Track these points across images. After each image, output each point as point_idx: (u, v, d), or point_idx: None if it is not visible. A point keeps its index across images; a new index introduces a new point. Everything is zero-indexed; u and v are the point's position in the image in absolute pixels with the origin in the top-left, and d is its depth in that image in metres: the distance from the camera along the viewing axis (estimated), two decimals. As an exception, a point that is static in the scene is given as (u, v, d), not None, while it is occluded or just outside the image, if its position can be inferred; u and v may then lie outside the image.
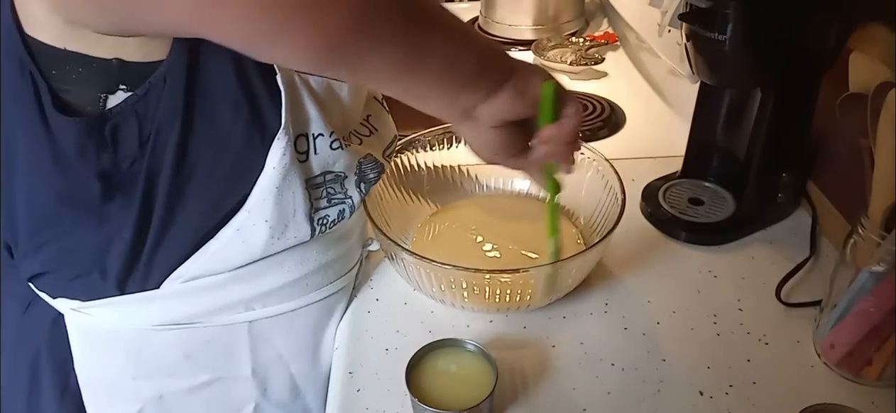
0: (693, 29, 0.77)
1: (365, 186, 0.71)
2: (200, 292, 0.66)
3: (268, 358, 0.72)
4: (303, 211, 0.65)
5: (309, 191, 0.66)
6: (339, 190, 0.69)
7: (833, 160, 0.86)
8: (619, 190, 0.77)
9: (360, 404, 0.66)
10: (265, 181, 0.62)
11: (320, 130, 0.65)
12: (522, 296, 0.72)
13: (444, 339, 0.65)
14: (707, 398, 0.66)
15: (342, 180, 0.69)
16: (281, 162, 0.62)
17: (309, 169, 0.65)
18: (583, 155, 0.83)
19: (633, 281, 0.80)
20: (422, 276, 0.71)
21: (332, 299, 0.75)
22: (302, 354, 0.74)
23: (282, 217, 0.64)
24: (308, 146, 0.65)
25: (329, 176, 0.68)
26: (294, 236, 0.66)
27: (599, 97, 1.23)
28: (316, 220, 0.67)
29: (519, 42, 1.48)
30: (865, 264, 0.64)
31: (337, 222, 0.69)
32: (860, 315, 0.65)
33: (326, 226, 0.68)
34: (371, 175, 0.72)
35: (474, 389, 0.61)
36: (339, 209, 0.69)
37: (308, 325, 0.74)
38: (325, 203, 0.68)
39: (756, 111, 0.83)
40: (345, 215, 0.70)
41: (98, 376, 0.70)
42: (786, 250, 0.83)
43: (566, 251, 0.71)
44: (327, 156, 0.66)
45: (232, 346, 0.70)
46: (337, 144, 0.66)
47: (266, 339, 0.71)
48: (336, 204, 0.69)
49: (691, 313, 0.75)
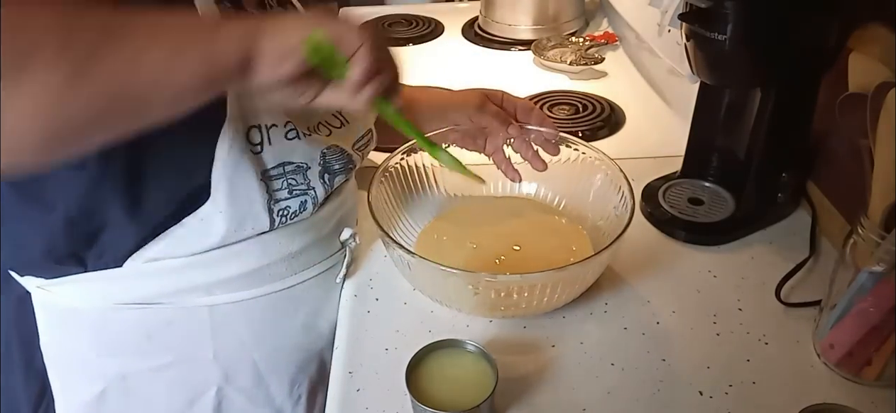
0: (693, 29, 0.78)
1: (330, 178, 0.71)
2: (162, 273, 0.68)
3: (230, 344, 0.73)
4: (260, 202, 0.66)
5: (266, 182, 0.66)
6: (300, 181, 0.69)
7: (833, 160, 0.86)
8: (628, 192, 0.77)
9: (360, 404, 0.66)
10: (217, 174, 0.63)
11: (274, 121, 0.65)
12: (528, 300, 0.72)
13: (444, 340, 0.65)
14: (707, 398, 0.66)
15: (304, 171, 0.69)
16: (229, 155, 0.63)
17: (264, 161, 0.66)
18: (586, 154, 0.84)
19: (633, 281, 0.80)
20: (426, 278, 0.71)
21: (299, 289, 0.75)
22: (264, 342, 0.75)
23: (237, 209, 0.65)
24: (262, 138, 0.65)
25: (289, 167, 0.68)
26: (252, 227, 0.67)
27: (599, 97, 1.23)
28: (275, 211, 0.68)
29: (519, 42, 1.48)
30: (865, 264, 0.64)
31: (299, 213, 0.70)
32: (860, 315, 0.65)
33: (288, 217, 0.69)
34: (336, 166, 0.72)
35: (474, 390, 0.61)
36: (300, 201, 0.69)
37: (271, 313, 0.74)
38: (285, 194, 0.68)
39: (756, 111, 0.83)
40: (307, 207, 0.70)
41: (63, 354, 0.72)
42: (786, 250, 0.83)
43: (577, 255, 0.71)
44: (283, 147, 0.66)
45: (193, 329, 0.71)
46: (293, 134, 0.66)
47: (227, 325, 0.72)
48: (297, 195, 0.69)
49: (691, 313, 0.75)
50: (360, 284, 0.80)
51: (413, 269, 0.72)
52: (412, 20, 1.63)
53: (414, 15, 1.66)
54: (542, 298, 0.71)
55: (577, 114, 1.18)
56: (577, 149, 0.85)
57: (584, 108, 1.19)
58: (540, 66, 1.38)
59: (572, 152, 0.86)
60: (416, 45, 1.52)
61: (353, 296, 0.79)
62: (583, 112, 1.19)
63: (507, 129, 0.85)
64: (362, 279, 0.81)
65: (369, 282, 0.81)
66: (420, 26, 1.60)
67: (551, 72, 1.35)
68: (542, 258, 0.77)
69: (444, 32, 1.58)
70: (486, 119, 0.85)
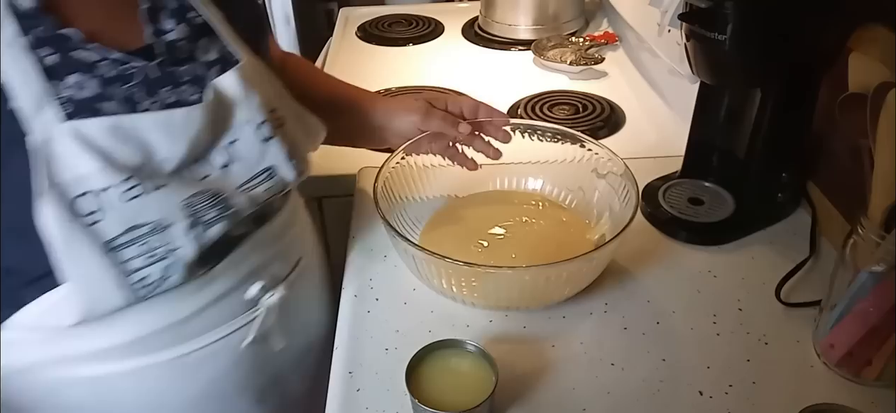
0: (693, 29, 0.78)
1: (205, 230, 0.61)
2: (31, 343, 0.63)
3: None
4: (110, 279, 0.58)
5: (112, 255, 0.57)
6: (158, 243, 0.59)
7: (833, 160, 0.86)
8: (632, 188, 0.77)
9: (359, 404, 0.66)
10: (53, 254, 0.56)
11: (107, 182, 0.56)
12: (532, 292, 0.72)
13: (444, 340, 0.65)
14: (707, 398, 0.66)
15: (163, 230, 0.59)
16: (58, 234, 0.55)
17: (104, 231, 0.57)
18: (599, 155, 0.84)
19: (633, 281, 0.80)
20: (431, 270, 0.72)
21: (195, 357, 0.68)
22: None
23: (85, 291, 0.58)
24: (96, 206, 0.56)
25: (141, 229, 0.58)
26: (108, 306, 0.60)
27: (599, 97, 1.23)
28: (132, 284, 0.59)
29: (519, 42, 1.48)
30: (865, 264, 0.64)
31: (165, 280, 0.61)
32: (860, 315, 0.65)
33: (152, 287, 0.60)
34: (210, 216, 0.62)
35: (474, 390, 0.61)
36: (162, 266, 0.60)
37: (163, 383, 0.68)
38: (140, 263, 0.59)
39: (756, 111, 0.83)
40: (173, 271, 0.61)
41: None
42: (786, 250, 0.83)
43: (581, 249, 0.71)
44: (126, 209, 0.57)
45: (74, 401, 0.67)
46: (138, 191, 0.57)
47: (113, 396, 0.67)
48: (158, 260, 0.59)
49: (691, 313, 0.75)
50: (360, 284, 0.80)
51: (419, 262, 0.72)
52: (412, 20, 1.63)
53: (414, 15, 1.66)
54: (546, 291, 0.72)
55: (577, 114, 1.18)
56: (585, 145, 0.86)
57: (584, 108, 1.20)
58: (540, 66, 1.38)
59: (578, 150, 0.86)
60: (416, 45, 1.52)
61: (353, 296, 0.79)
62: (583, 112, 1.19)
63: (458, 128, 0.84)
64: (362, 279, 0.81)
65: (369, 282, 0.81)
66: (420, 26, 1.60)
67: (551, 72, 1.35)
68: (546, 252, 0.77)
69: (444, 32, 1.58)
70: (434, 125, 0.84)
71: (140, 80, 0.60)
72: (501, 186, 0.92)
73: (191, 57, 0.64)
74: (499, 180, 0.92)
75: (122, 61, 0.59)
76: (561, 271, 0.70)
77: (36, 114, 0.55)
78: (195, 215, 0.61)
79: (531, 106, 1.21)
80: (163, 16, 0.63)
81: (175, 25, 0.63)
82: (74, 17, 0.58)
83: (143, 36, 0.62)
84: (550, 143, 0.88)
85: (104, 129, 0.56)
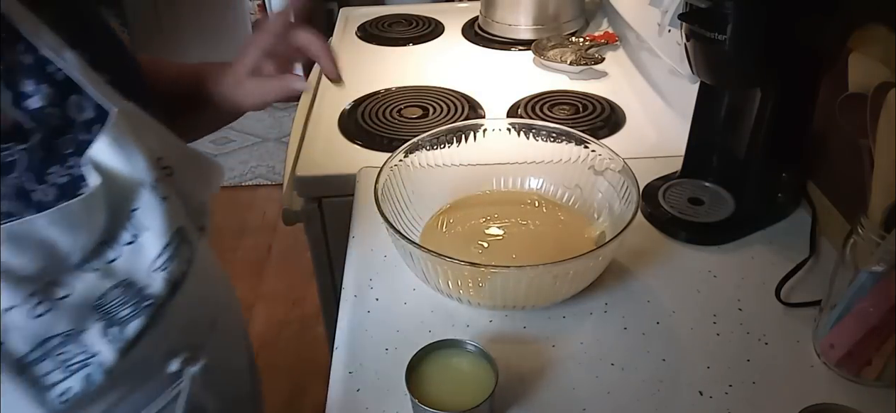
0: (693, 29, 0.78)
1: (120, 330, 0.56)
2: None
3: None
4: (27, 401, 0.53)
5: (26, 375, 0.52)
6: (76, 351, 0.54)
7: (833, 160, 0.86)
8: (633, 187, 0.78)
9: (359, 404, 0.66)
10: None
11: (10, 302, 0.51)
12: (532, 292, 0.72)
13: (444, 340, 0.65)
14: (707, 398, 0.66)
15: (76, 337, 0.54)
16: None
17: (12, 352, 0.51)
18: (599, 154, 0.84)
19: (633, 281, 0.80)
20: (433, 270, 0.72)
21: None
22: None
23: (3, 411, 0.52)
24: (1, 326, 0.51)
25: (53, 341, 0.53)
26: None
27: (599, 97, 1.23)
28: (52, 401, 0.54)
29: (519, 42, 1.48)
30: (865, 264, 0.64)
31: (90, 389, 0.55)
32: (860, 315, 0.65)
33: (75, 399, 0.55)
34: (125, 313, 0.56)
35: (474, 390, 0.61)
36: (83, 375, 0.55)
37: None
38: (60, 376, 0.53)
39: (756, 111, 0.83)
40: (95, 379, 0.55)
41: None
42: (786, 250, 0.83)
43: (582, 249, 0.71)
44: (34, 326, 0.52)
45: None
46: (44, 308, 0.52)
47: None
48: (77, 369, 0.54)
49: (691, 313, 0.75)
50: (360, 284, 0.80)
51: (422, 262, 0.72)
52: (412, 20, 1.63)
53: (414, 15, 1.66)
54: (547, 291, 0.72)
55: (578, 114, 1.18)
56: (585, 145, 0.86)
57: (584, 108, 1.20)
58: (540, 66, 1.38)
59: (578, 149, 0.86)
60: (416, 45, 1.52)
61: (353, 296, 0.79)
62: (583, 112, 1.19)
63: (295, 85, 0.74)
64: (362, 279, 0.81)
65: (369, 282, 0.81)
66: (420, 26, 1.60)
67: (551, 72, 1.35)
68: (547, 252, 0.77)
69: (444, 32, 1.58)
70: (271, 98, 0.74)
71: (24, 167, 0.53)
72: (501, 186, 0.92)
73: (66, 122, 0.56)
74: (498, 180, 0.92)
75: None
76: (563, 270, 0.70)
77: None
78: (108, 314, 0.55)
79: (531, 106, 1.21)
80: (20, 77, 0.54)
81: (35, 86, 0.54)
82: None
83: (1, 110, 0.53)
84: (550, 143, 0.88)
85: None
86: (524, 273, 0.69)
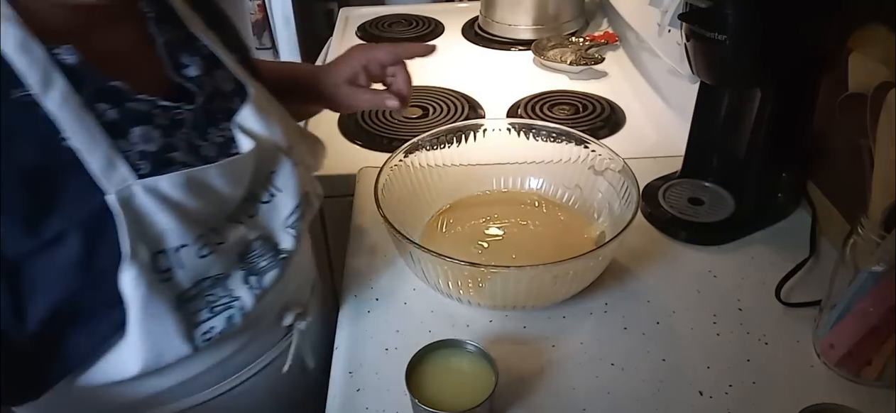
0: (693, 29, 0.78)
1: (258, 281, 0.63)
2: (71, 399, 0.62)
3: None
4: (178, 333, 0.58)
5: (182, 309, 0.58)
6: (221, 294, 0.61)
7: (833, 160, 0.86)
8: (633, 187, 0.78)
9: (360, 404, 0.66)
10: (128, 310, 0.56)
11: (182, 241, 0.57)
12: (532, 292, 0.72)
13: (444, 340, 0.65)
14: (707, 398, 0.66)
15: (224, 281, 0.61)
16: (135, 293, 0.55)
17: (177, 286, 0.58)
18: (599, 154, 0.84)
19: (633, 281, 0.80)
20: (434, 271, 0.72)
21: (237, 392, 0.69)
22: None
23: (152, 344, 0.58)
24: (170, 263, 0.57)
25: (206, 282, 0.59)
26: (173, 356, 0.59)
27: (599, 97, 1.23)
28: (198, 336, 0.60)
29: (519, 42, 1.48)
30: (865, 264, 0.64)
31: (227, 330, 0.61)
32: (859, 315, 0.65)
33: (212, 338, 0.61)
34: (263, 264, 0.64)
35: (474, 390, 0.61)
36: (225, 316, 0.61)
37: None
38: (206, 315, 0.60)
39: (756, 111, 0.83)
40: (235, 321, 0.62)
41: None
42: (786, 250, 0.83)
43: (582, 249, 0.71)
44: (197, 265, 0.58)
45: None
46: (208, 251, 0.58)
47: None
48: (221, 311, 0.61)
49: (691, 313, 0.75)
50: (360, 284, 0.80)
51: (423, 263, 0.72)
52: (412, 20, 1.63)
53: (414, 15, 1.66)
54: (548, 291, 0.72)
55: (577, 114, 1.18)
56: (585, 145, 0.86)
57: (584, 108, 1.20)
58: (540, 66, 1.38)
59: (578, 149, 0.86)
60: (416, 45, 1.52)
61: (353, 296, 0.79)
62: (583, 112, 1.19)
63: (386, 103, 0.82)
64: (362, 279, 0.81)
65: (369, 282, 0.81)
66: (420, 26, 1.60)
67: (551, 72, 1.35)
68: (546, 253, 0.77)
69: (444, 32, 1.58)
70: (363, 105, 0.84)
71: (191, 125, 0.61)
72: (501, 186, 0.92)
73: (216, 91, 0.64)
74: (499, 180, 0.92)
75: (170, 108, 0.60)
76: (563, 271, 0.70)
77: (108, 174, 0.54)
78: (249, 265, 0.63)
79: (531, 106, 1.21)
80: (177, 49, 0.63)
81: (190, 58, 0.63)
82: (100, 65, 0.56)
83: (164, 77, 0.61)
84: (550, 143, 0.88)
85: (178, 184, 0.56)
86: (524, 273, 0.69)
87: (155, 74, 0.61)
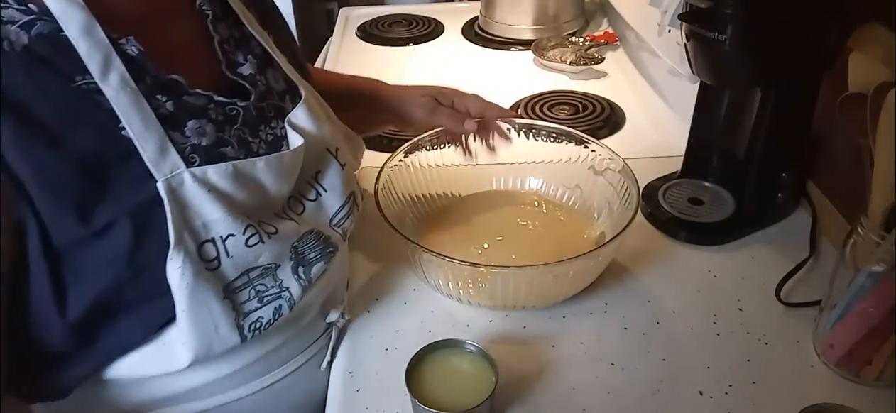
0: (693, 29, 0.78)
1: (306, 271, 0.64)
2: (111, 392, 0.63)
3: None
4: (226, 323, 0.59)
5: (230, 298, 0.59)
6: (271, 284, 0.61)
7: (833, 160, 0.86)
8: (633, 187, 0.78)
9: (360, 404, 0.66)
10: (176, 299, 0.57)
11: (230, 230, 0.57)
12: (532, 292, 0.72)
13: (444, 340, 0.65)
14: (707, 398, 0.66)
15: (273, 272, 0.61)
16: (181, 282, 0.56)
17: (223, 276, 0.58)
18: (599, 154, 0.84)
19: (633, 281, 0.80)
20: (434, 271, 0.72)
21: (278, 387, 0.70)
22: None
23: (201, 337, 0.58)
24: (217, 251, 0.57)
25: (254, 273, 0.60)
26: (222, 347, 0.60)
27: (599, 97, 1.23)
28: (246, 326, 0.60)
29: (519, 42, 1.48)
30: (865, 264, 0.64)
31: (274, 321, 0.62)
32: (860, 315, 0.65)
33: (260, 329, 0.61)
34: (312, 255, 0.64)
35: (474, 390, 0.61)
36: (273, 307, 0.62)
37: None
38: (255, 305, 0.61)
39: (756, 111, 0.83)
40: (283, 312, 0.63)
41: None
42: (786, 250, 0.83)
43: (582, 249, 0.71)
44: (245, 254, 0.58)
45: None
46: (256, 240, 0.59)
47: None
48: (269, 301, 0.62)
49: (691, 313, 0.75)
50: (360, 284, 0.80)
51: (423, 263, 0.72)
52: (412, 20, 1.63)
53: (414, 15, 1.66)
54: (548, 290, 0.72)
55: (577, 114, 1.18)
56: (585, 145, 0.86)
57: (584, 108, 1.20)
58: (540, 66, 1.38)
59: (578, 149, 0.86)
60: (416, 45, 1.52)
61: (353, 296, 0.79)
62: (583, 112, 1.19)
63: (464, 126, 0.84)
64: (362, 279, 0.81)
65: (369, 282, 0.80)
66: (420, 26, 1.60)
67: (551, 72, 1.35)
68: (546, 252, 0.77)
69: (444, 32, 1.58)
70: (440, 121, 0.84)
71: (243, 121, 0.62)
72: (501, 186, 0.92)
73: (268, 90, 0.65)
74: (498, 180, 0.92)
75: (225, 103, 0.61)
76: (563, 270, 0.70)
77: (160, 163, 0.55)
78: (299, 256, 0.63)
79: (531, 106, 1.21)
80: (232, 48, 0.64)
81: (244, 57, 0.65)
82: (159, 57, 0.57)
83: (219, 73, 0.62)
84: (550, 143, 0.88)
85: (227, 175, 0.57)
86: (524, 273, 0.69)
87: (210, 70, 0.62)
